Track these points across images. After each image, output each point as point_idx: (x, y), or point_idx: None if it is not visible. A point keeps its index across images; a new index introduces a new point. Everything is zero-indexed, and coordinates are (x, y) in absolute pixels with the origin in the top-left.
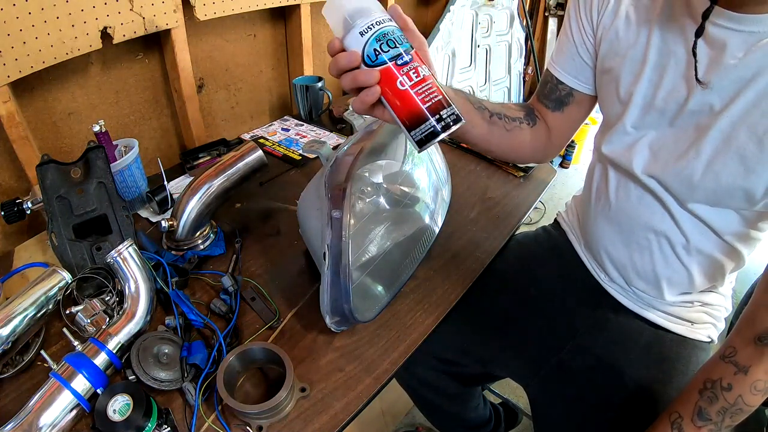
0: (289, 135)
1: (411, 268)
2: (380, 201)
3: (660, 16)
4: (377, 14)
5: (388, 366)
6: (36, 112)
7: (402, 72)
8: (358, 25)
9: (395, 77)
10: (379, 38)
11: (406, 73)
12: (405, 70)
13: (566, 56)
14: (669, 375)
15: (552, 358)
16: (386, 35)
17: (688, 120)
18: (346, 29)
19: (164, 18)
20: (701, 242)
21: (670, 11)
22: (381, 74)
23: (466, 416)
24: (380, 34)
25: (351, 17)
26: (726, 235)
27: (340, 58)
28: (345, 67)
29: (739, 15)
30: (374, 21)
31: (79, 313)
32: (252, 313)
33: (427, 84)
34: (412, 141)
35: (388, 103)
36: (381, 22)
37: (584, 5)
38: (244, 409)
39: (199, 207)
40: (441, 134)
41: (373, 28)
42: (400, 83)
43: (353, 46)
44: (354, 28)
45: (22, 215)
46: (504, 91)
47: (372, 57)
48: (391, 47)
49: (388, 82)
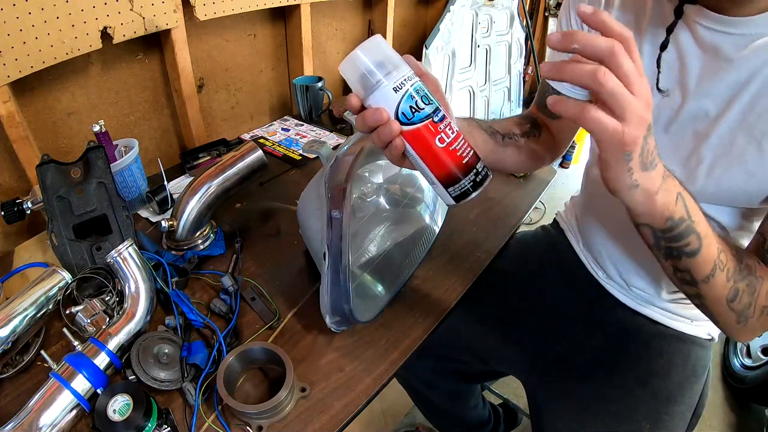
0: (289, 135)
1: (411, 268)
2: (380, 201)
3: (650, 22)
4: (405, 68)
5: (388, 366)
6: (36, 112)
7: (440, 129)
8: (391, 79)
9: (434, 134)
10: (413, 94)
11: (443, 130)
12: (442, 127)
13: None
14: (668, 369)
15: (550, 353)
16: (419, 91)
17: (685, 126)
18: (370, 86)
19: (164, 18)
20: None
21: (660, 16)
22: (417, 132)
23: (465, 416)
24: (415, 89)
25: (378, 72)
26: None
27: (366, 117)
28: (373, 125)
29: (729, 18)
30: (407, 75)
31: (79, 313)
32: (252, 313)
33: (461, 140)
34: (449, 197)
35: (422, 160)
36: (412, 77)
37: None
38: (244, 409)
39: (199, 207)
40: (475, 192)
41: (406, 84)
42: (438, 140)
43: (381, 103)
44: (383, 85)
45: (22, 215)
46: (504, 91)
47: (408, 115)
48: (426, 104)
49: (425, 140)
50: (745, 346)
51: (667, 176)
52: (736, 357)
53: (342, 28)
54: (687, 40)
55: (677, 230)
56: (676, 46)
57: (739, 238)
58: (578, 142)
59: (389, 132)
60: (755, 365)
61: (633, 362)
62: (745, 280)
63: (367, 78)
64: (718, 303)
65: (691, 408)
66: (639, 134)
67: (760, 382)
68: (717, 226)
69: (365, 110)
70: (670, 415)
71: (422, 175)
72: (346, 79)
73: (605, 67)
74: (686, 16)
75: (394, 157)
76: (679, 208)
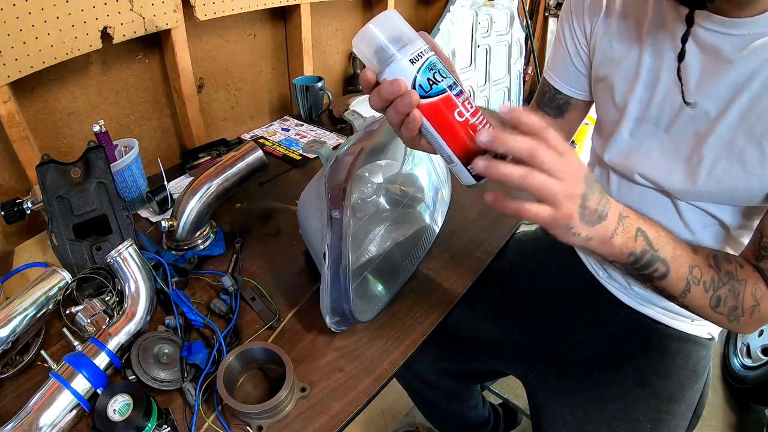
0: (289, 135)
1: (411, 268)
2: (380, 201)
3: (650, 27)
4: (420, 42)
5: (388, 366)
6: (36, 112)
7: (458, 103)
8: (406, 52)
9: (453, 107)
10: (430, 66)
11: (462, 104)
12: (460, 101)
13: (561, 65)
14: (668, 369)
15: (550, 352)
16: (435, 64)
17: (686, 126)
18: (385, 59)
19: (164, 18)
20: (706, 237)
21: (660, 17)
22: (435, 106)
23: (465, 416)
24: (431, 62)
25: (392, 45)
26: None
27: (383, 89)
28: (390, 98)
29: (729, 19)
30: (422, 48)
31: (79, 313)
32: (252, 313)
33: (480, 115)
34: (467, 174)
35: (441, 136)
36: (428, 51)
37: (576, 14)
38: (244, 409)
39: (199, 207)
40: None
41: (424, 56)
42: (458, 114)
43: (398, 76)
44: (398, 57)
45: (22, 215)
46: (504, 92)
47: (426, 87)
48: (444, 76)
49: (443, 114)
50: (744, 345)
51: (624, 217)
52: (736, 357)
53: (342, 28)
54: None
55: (641, 261)
56: (674, 45)
57: (741, 235)
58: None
59: (408, 102)
60: (755, 365)
61: (633, 362)
62: (726, 286)
63: (382, 51)
64: (702, 310)
65: (692, 407)
66: (572, 210)
67: (760, 382)
68: (718, 223)
69: (380, 84)
70: (671, 414)
71: (440, 154)
72: (359, 54)
73: (528, 168)
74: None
75: (411, 132)
76: (639, 243)
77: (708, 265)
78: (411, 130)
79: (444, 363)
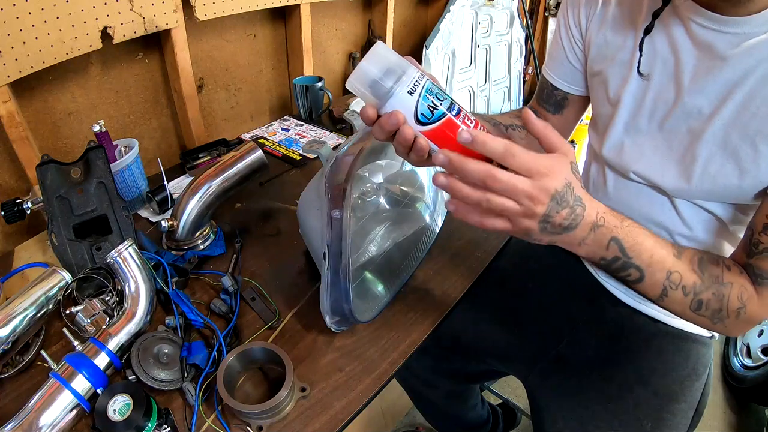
0: (289, 135)
1: (411, 268)
2: (380, 201)
3: (646, 16)
4: (413, 70)
5: (388, 366)
6: (36, 112)
7: (459, 122)
8: (403, 84)
9: (456, 127)
10: (428, 92)
11: (462, 121)
12: (460, 119)
13: (557, 62)
14: (669, 367)
15: (550, 352)
16: (431, 90)
17: (680, 124)
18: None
19: (164, 18)
20: (703, 231)
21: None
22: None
23: (464, 416)
24: (428, 88)
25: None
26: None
27: (383, 122)
28: (392, 129)
29: (724, 17)
30: (416, 77)
31: (79, 313)
32: (252, 313)
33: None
34: None
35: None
36: (421, 77)
37: (572, 11)
38: (244, 409)
39: (199, 207)
40: None
41: (419, 83)
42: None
43: (397, 107)
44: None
45: (22, 215)
46: (504, 91)
47: (428, 114)
48: (441, 99)
49: (447, 136)
50: (744, 346)
51: (599, 227)
52: (736, 357)
53: (342, 28)
54: (681, 36)
55: (613, 266)
56: (669, 40)
57: (738, 230)
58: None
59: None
60: (755, 365)
61: (634, 361)
62: (710, 289)
63: (379, 87)
64: (682, 313)
65: (693, 406)
66: (529, 225)
67: (760, 382)
68: (715, 219)
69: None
70: (672, 413)
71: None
72: (357, 93)
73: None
74: (680, 12)
75: (420, 159)
76: (611, 251)
77: (691, 270)
78: (420, 157)
79: (444, 363)
